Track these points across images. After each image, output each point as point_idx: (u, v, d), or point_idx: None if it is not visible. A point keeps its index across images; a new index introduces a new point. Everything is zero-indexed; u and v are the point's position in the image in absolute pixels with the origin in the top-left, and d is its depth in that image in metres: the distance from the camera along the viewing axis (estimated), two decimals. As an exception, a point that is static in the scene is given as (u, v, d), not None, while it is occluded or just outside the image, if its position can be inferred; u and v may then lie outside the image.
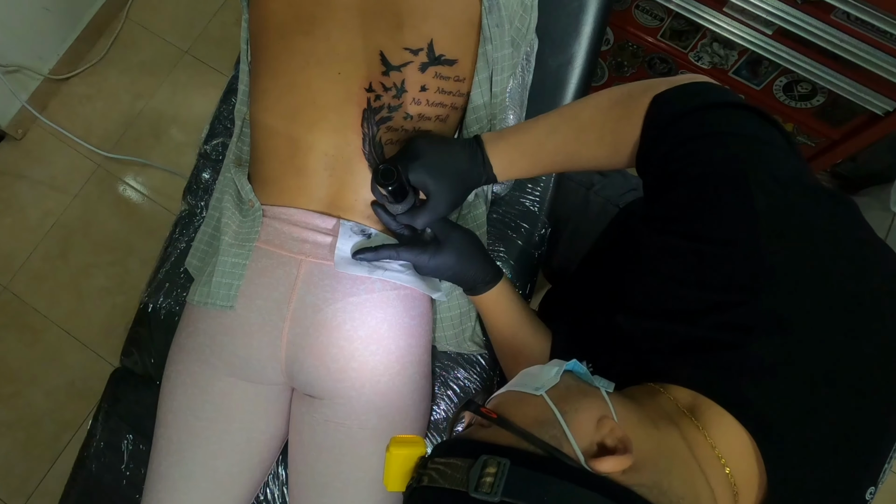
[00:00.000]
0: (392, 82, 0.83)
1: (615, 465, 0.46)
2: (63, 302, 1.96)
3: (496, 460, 0.46)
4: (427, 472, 0.50)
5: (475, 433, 0.54)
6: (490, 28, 0.87)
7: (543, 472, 0.46)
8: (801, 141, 1.49)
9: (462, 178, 0.79)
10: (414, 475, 0.52)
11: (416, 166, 0.77)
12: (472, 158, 0.78)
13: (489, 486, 0.45)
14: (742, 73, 1.40)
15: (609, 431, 0.49)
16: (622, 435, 0.48)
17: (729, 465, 0.52)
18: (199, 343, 0.86)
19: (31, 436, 1.88)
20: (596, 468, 0.46)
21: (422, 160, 0.77)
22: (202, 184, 1.12)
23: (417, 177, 0.77)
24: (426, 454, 0.54)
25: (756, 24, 1.27)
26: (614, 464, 0.46)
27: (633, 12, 1.43)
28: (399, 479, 0.54)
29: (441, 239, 0.83)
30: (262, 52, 0.88)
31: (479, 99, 0.91)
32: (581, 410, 0.51)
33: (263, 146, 0.88)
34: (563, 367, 0.56)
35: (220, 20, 2.16)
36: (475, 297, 0.87)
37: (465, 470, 0.47)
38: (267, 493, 0.99)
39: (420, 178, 0.77)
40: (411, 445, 0.54)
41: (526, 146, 0.77)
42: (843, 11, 1.13)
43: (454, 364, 1.01)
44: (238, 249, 0.85)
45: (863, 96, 1.26)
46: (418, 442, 0.55)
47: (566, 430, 0.49)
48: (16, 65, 1.94)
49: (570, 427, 0.49)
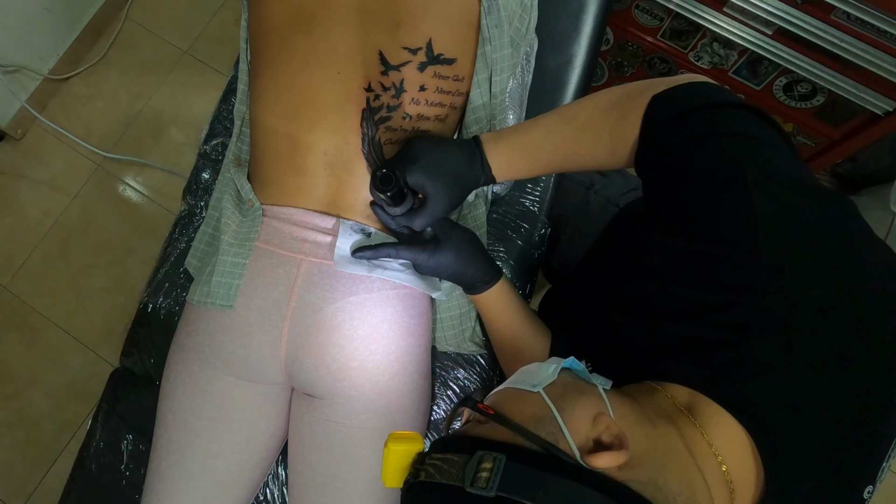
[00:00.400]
0: (391, 82, 0.83)
1: (611, 460, 0.46)
2: (63, 302, 1.96)
3: (492, 456, 0.46)
4: (424, 467, 0.51)
5: (472, 429, 0.54)
6: (489, 28, 0.87)
7: (539, 468, 0.46)
8: (801, 141, 1.48)
9: (460, 180, 0.79)
10: (411, 471, 0.53)
11: (414, 169, 0.76)
12: (471, 159, 0.78)
13: (485, 482, 0.45)
14: (742, 73, 1.40)
15: (605, 428, 0.49)
16: (618, 431, 0.48)
17: (726, 462, 0.52)
18: (199, 342, 0.86)
19: (31, 436, 1.88)
20: (592, 464, 0.46)
21: (420, 162, 0.77)
22: (202, 184, 1.12)
23: (416, 179, 0.77)
24: (424, 450, 0.54)
25: (756, 24, 1.27)
26: (610, 459, 0.46)
27: (633, 12, 1.43)
28: (397, 474, 0.54)
29: (441, 238, 0.83)
30: (262, 53, 0.88)
31: (479, 99, 0.91)
32: (578, 407, 0.51)
33: (263, 146, 0.88)
34: (560, 365, 0.56)
35: (220, 20, 2.15)
36: (475, 296, 0.87)
37: (461, 465, 0.47)
38: (267, 492, 0.99)
39: (418, 181, 0.77)
40: (409, 441, 0.55)
41: (525, 147, 0.77)
42: (843, 11, 1.13)
43: (454, 364, 1.01)
44: (238, 249, 0.85)
45: (863, 96, 1.26)
46: (416, 438, 0.55)
47: (563, 427, 0.49)
48: (15, 65, 1.94)
49: (567, 423, 0.49)
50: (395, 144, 0.85)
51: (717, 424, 0.53)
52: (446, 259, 0.82)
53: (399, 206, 0.80)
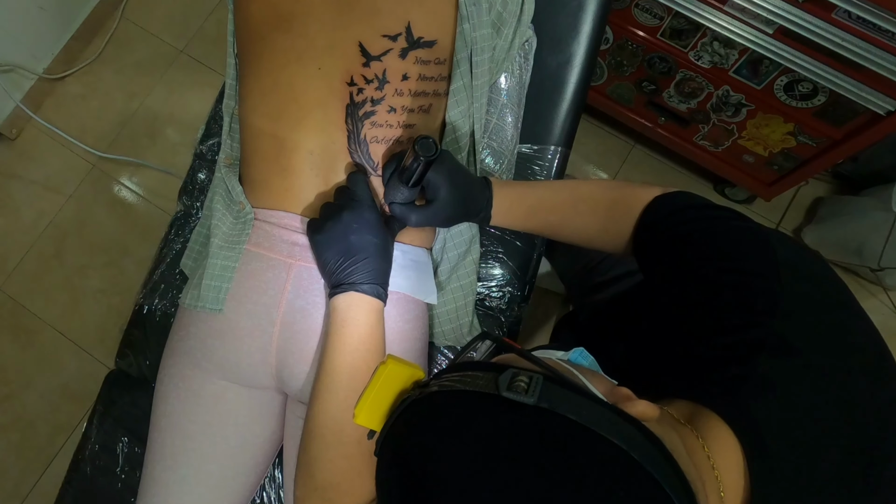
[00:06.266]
0: (373, 73, 0.81)
1: (647, 408, 0.44)
2: (57, 303, 1.94)
3: (528, 373, 0.43)
4: (438, 382, 0.46)
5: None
6: (467, 6, 0.85)
7: (576, 393, 0.43)
8: (802, 141, 1.48)
9: (470, 202, 0.80)
10: (412, 392, 0.48)
11: (439, 169, 0.76)
12: (482, 192, 0.81)
13: (524, 389, 0.41)
14: (742, 72, 1.39)
15: (625, 395, 0.46)
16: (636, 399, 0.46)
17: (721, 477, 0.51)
18: (191, 346, 0.85)
19: (26, 438, 1.86)
20: (628, 409, 0.44)
21: (446, 165, 0.77)
22: (197, 184, 1.11)
23: (437, 177, 0.76)
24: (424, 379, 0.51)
25: (757, 23, 1.27)
26: (646, 407, 0.44)
27: (633, 11, 1.42)
28: (383, 398, 0.49)
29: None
30: (246, 54, 0.87)
31: (459, 80, 0.88)
32: (595, 380, 0.50)
33: (251, 147, 0.87)
34: (567, 355, 0.56)
35: (216, 19, 2.14)
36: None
37: (492, 378, 0.43)
38: (263, 496, 0.98)
39: (438, 180, 0.76)
40: (411, 366, 0.50)
41: (526, 197, 0.82)
42: (845, 10, 1.13)
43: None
44: (227, 252, 0.84)
45: (864, 96, 1.25)
46: (418, 366, 0.51)
47: (587, 384, 0.47)
48: (10, 64, 1.93)
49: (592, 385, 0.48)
50: (380, 143, 0.83)
51: (716, 438, 0.52)
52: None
53: (406, 188, 0.78)
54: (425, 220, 0.79)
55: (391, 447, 0.46)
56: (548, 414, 0.41)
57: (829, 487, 0.51)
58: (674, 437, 0.51)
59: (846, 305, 0.58)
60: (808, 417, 0.52)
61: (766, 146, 1.58)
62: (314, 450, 0.73)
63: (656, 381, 0.60)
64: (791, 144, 1.52)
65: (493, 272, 1.04)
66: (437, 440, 0.43)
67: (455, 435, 0.42)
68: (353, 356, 0.74)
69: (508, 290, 1.04)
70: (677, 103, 1.62)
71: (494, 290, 1.04)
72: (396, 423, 0.47)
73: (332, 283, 0.76)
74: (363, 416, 0.50)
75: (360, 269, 0.74)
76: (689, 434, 0.53)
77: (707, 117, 1.60)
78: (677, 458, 0.44)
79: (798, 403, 0.52)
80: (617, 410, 0.43)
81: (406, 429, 0.46)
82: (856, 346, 0.56)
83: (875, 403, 0.54)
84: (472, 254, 0.96)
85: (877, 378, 0.55)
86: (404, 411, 0.47)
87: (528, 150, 1.06)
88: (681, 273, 0.65)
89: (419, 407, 0.46)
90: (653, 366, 0.65)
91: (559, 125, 1.07)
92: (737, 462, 0.51)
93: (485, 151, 1.01)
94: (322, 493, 0.71)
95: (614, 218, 0.75)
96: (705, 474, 0.50)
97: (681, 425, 0.54)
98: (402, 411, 0.47)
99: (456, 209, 0.79)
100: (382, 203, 0.84)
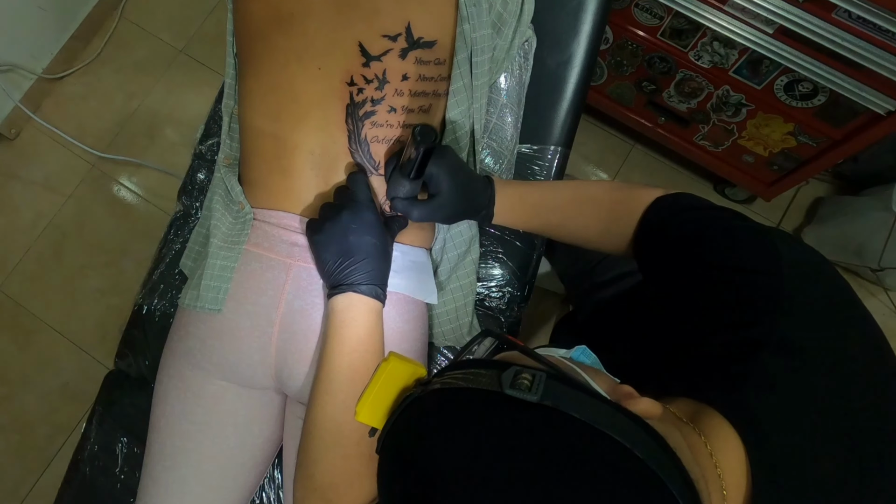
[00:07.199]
0: (373, 73, 0.81)
1: (650, 406, 0.44)
2: (57, 303, 1.94)
3: (531, 371, 0.42)
4: (440, 379, 0.46)
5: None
6: (467, 7, 0.84)
7: (580, 391, 0.43)
8: (802, 141, 1.48)
9: (471, 198, 0.80)
10: (414, 390, 0.48)
11: (441, 163, 0.76)
12: (484, 189, 0.81)
13: (527, 387, 0.41)
14: (742, 72, 1.39)
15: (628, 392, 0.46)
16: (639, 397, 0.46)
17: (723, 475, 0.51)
18: (190, 347, 0.85)
19: (25, 439, 1.86)
20: (630, 406, 0.44)
21: (448, 159, 0.77)
22: (197, 184, 1.10)
23: (440, 170, 0.76)
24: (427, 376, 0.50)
25: (757, 23, 1.26)
26: (649, 405, 0.44)
27: (633, 11, 1.42)
28: (384, 396, 0.49)
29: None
30: (246, 54, 0.86)
31: (459, 80, 0.87)
32: (597, 377, 0.49)
33: (251, 147, 0.86)
34: (570, 353, 0.55)
35: (216, 19, 2.14)
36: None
37: (495, 376, 0.43)
38: (262, 496, 0.98)
39: (440, 173, 0.76)
40: (413, 364, 0.50)
41: (528, 197, 0.82)
42: (845, 10, 1.12)
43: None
44: (227, 252, 0.84)
45: (864, 96, 1.25)
46: (420, 364, 0.51)
47: (590, 381, 0.47)
48: (9, 64, 1.92)
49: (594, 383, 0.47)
50: (381, 143, 0.83)
51: (718, 436, 0.52)
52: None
53: (408, 181, 0.77)
54: (427, 214, 0.79)
55: (393, 445, 0.46)
56: (551, 412, 0.41)
57: (831, 485, 0.51)
58: (676, 435, 0.51)
59: (848, 303, 0.58)
60: (811, 415, 0.52)
61: (767, 146, 1.58)
62: (313, 450, 0.73)
63: (658, 380, 0.60)
64: (791, 144, 1.51)
65: (492, 272, 1.04)
66: (440, 438, 0.42)
67: (458, 432, 0.42)
68: (351, 357, 0.73)
69: (508, 290, 1.04)
70: (677, 103, 1.62)
71: (494, 290, 1.04)
72: (398, 420, 0.47)
73: (330, 284, 0.76)
74: (365, 413, 0.50)
75: (359, 269, 0.74)
76: (691, 432, 0.53)
77: (707, 117, 1.60)
78: (680, 456, 0.44)
79: (800, 401, 0.52)
80: (620, 408, 0.43)
81: (408, 427, 0.46)
82: (858, 344, 0.56)
83: (877, 402, 0.54)
84: (471, 254, 0.96)
85: (878, 376, 0.55)
86: (406, 409, 0.47)
87: (528, 149, 1.06)
88: (682, 272, 0.65)
89: (421, 405, 0.46)
90: (654, 364, 0.65)
91: (559, 125, 1.06)
92: (739, 460, 0.51)
93: (485, 151, 1.01)
94: (321, 494, 0.71)
95: (616, 218, 0.76)
96: (708, 472, 0.50)
97: (683, 423, 0.54)
98: (404, 409, 0.47)
99: (458, 205, 0.79)
100: (382, 203, 0.84)
